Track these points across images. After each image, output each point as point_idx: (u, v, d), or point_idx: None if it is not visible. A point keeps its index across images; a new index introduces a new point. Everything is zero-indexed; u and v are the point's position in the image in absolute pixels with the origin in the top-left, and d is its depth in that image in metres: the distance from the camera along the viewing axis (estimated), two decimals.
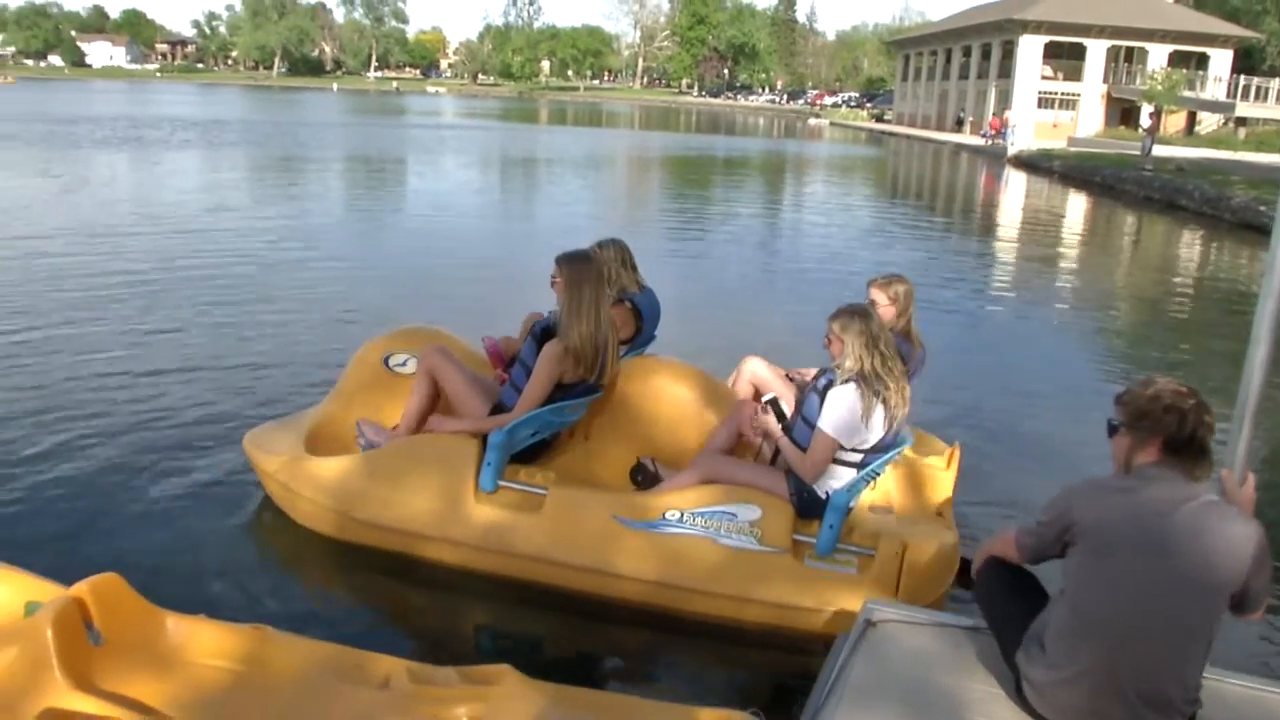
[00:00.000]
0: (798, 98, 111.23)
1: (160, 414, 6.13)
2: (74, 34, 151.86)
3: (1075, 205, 26.20)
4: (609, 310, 4.61)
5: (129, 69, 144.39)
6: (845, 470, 4.13)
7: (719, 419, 4.77)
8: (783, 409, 4.51)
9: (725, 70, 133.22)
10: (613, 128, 58.37)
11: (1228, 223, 21.32)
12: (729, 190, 25.70)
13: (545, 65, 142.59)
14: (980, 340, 9.96)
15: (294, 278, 10.69)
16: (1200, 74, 52.37)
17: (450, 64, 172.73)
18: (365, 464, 4.52)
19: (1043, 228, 20.99)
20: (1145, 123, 37.10)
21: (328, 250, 12.82)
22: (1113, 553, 2.71)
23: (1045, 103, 55.37)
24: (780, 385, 4.95)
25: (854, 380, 4.02)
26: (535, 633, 4.15)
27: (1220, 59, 54.40)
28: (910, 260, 14.58)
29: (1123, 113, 53.37)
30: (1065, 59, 55.43)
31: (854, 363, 4.03)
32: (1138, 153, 33.92)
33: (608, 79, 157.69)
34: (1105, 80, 55.13)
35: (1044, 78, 55.66)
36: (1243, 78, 48.37)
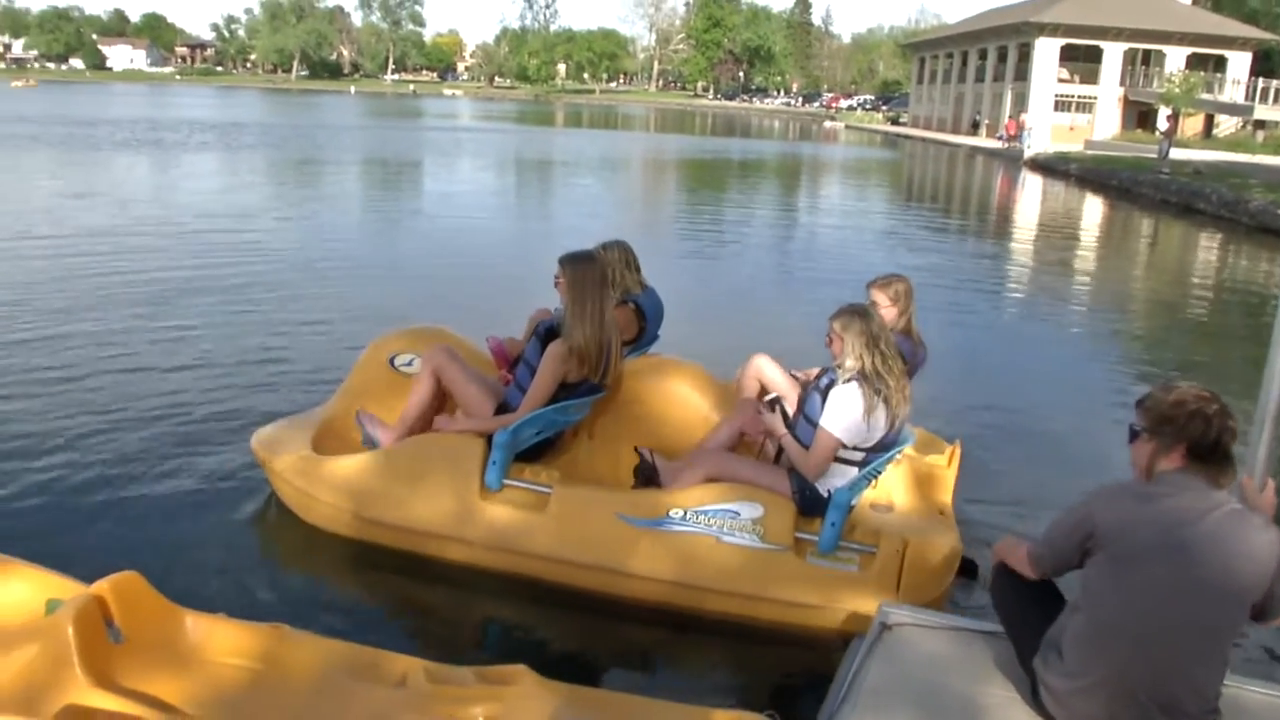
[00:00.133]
0: (813, 100, 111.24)
1: (175, 411, 6.18)
2: (95, 37, 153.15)
3: (1092, 208, 26.08)
4: (612, 310, 4.64)
5: (149, 72, 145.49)
6: (847, 469, 4.16)
7: (721, 417, 4.81)
8: (785, 409, 4.54)
9: (740, 73, 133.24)
10: (628, 130, 58.40)
11: (1245, 226, 21.17)
12: (744, 193, 25.69)
13: (561, 68, 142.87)
14: (995, 342, 9.95)
15: (309, 278, 10.74)
16: (1218, 76, 52.07)
17: (467, 67, 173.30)
18: (372, 463, 4.56)
19: (1059, 231, 20.89)
20: (1162, 125, 36.96)
21: (343, 251, 12.89)
22: (1135, 561, 2.68)
23: (1061, 106, 55.13)
24: (786, 383, 4.96)
25: (856, 379, 4.05)
26: (550, 632, 4.15)
27: (1239, 61, 54.04)
28: (925, 263, 14.53)
29: (1140, 116, 53.08)
30: (1082, 61, 55.17)
31: (854, 361, 4.07)
32: (1155, 156, 33.74)
33: (623, 82, 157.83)
34: (1122, 83, 54.85)
35: (1060, 80, 55.41)
36: (1261, 80, 48.00)
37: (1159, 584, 2.65)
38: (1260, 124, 46.03)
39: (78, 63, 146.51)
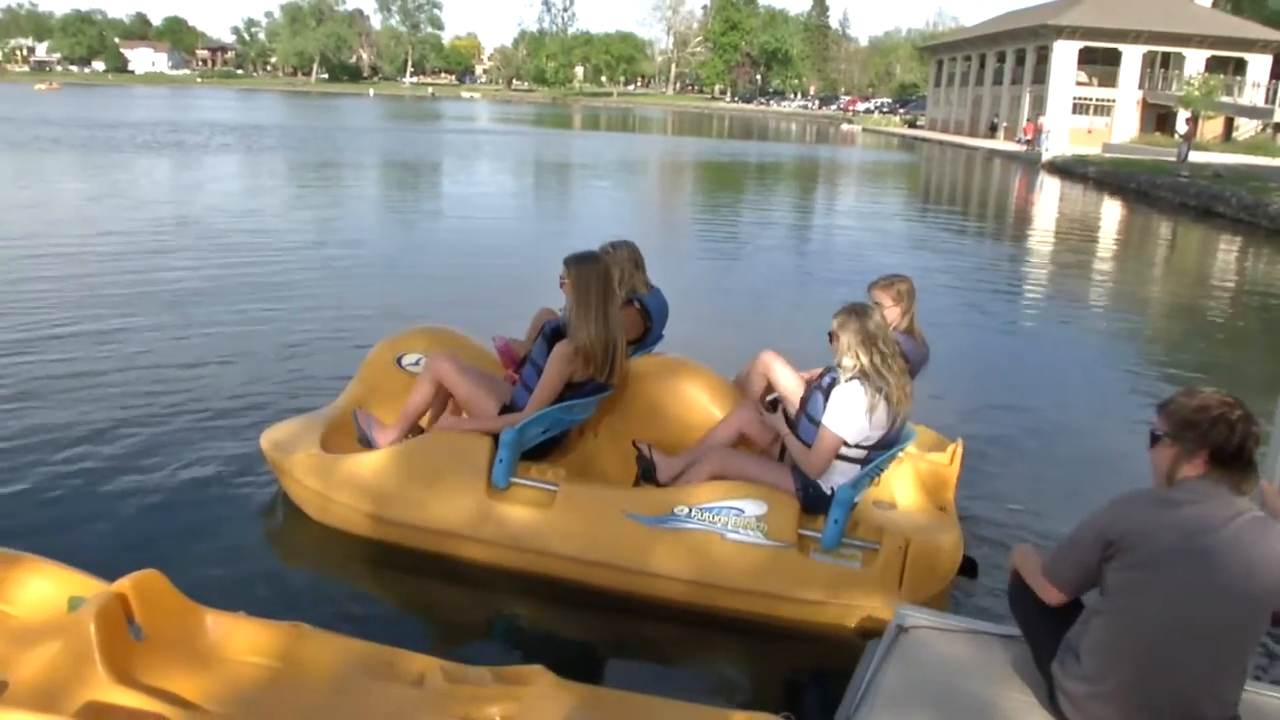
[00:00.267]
0: (830, 103, 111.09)
1: (192, 409, 6.24)
2: (117, 41, 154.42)
3: (1110, 211, 25.94)
4: (618, 310, 4.67)
5: (170, 75, 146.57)
6: (849, 466, 4.19)
7: (724, 416, 4.85)
8: (787, 409, 4.59)
9: (758, 76, 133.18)
10: (645, 133, 58.40)
11: (1265, 229, 20.99)
12: (761, 195, 25.67)
13: (579, 71, 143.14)
14: (1010, 344, 9.92)
15: (328, 277, 10.83)
16: (1238, 79, 51.66)
17: (485, 69, 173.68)
18: (380, 461, 4.60)
19: (1077, 234, 20.79)
20: (1182, 128, 36.71)
21: (361, 252, 12.98)
22: (1156, 567, 2.65)
23: (1080, 108, 54.83)
24: (793, 381, 5.00)
25: (857, 378, 4.09)
26: (563, 631, 4.17)
27: (1259, 64, 53.57)
28: (943, 266, 14.51)
29: (1158, 118, 52.74)
30: (1100, 64, 54.87)
31: (851, 360, 4.12)
32: (1174, 159, 33.54)
33: (641, 85, 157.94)
34: (1141, 86, 54.50)
35: (1079, 83, 55.10)
36: None
37: (1180, 591, 2.63)
38: None
39: (100, 65, 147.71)
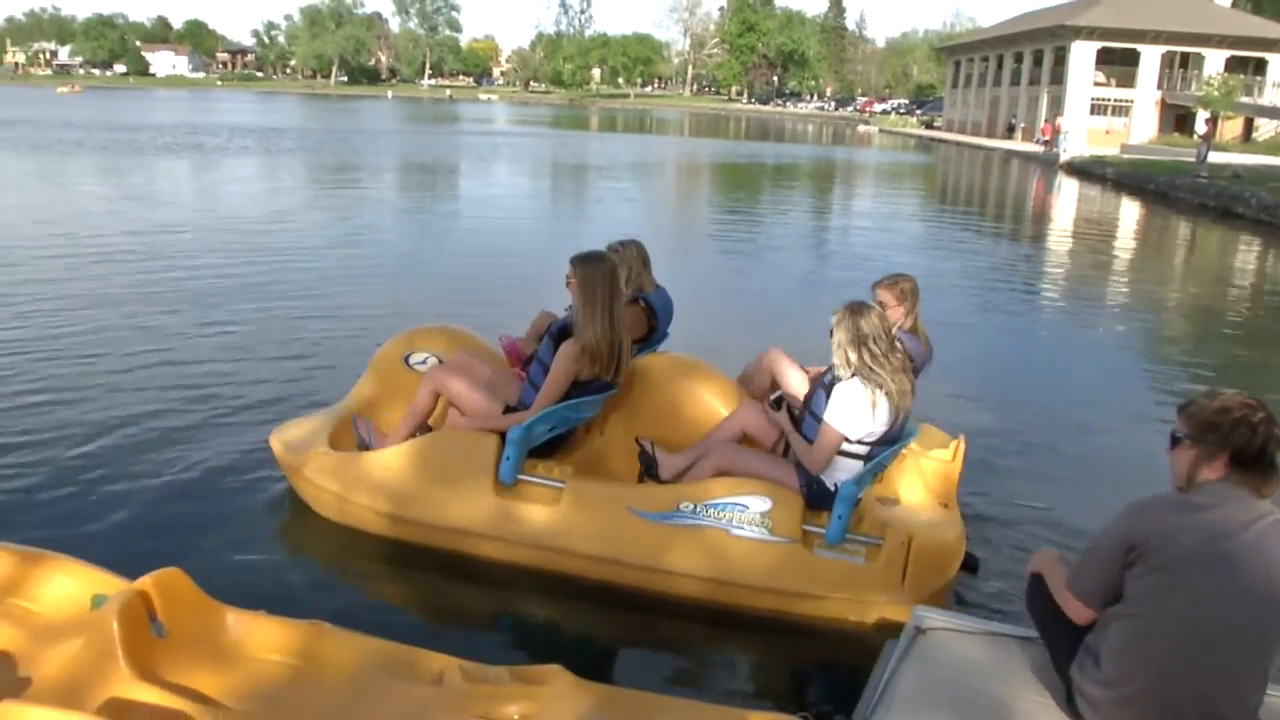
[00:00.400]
0: (847, 105, 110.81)
1: (211, 409, 6.30)
2: (138, 44, 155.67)
3: (1128, 212, 25.77)
4: (624, 309, 4.71)
5: (191, 78, 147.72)
6: (852, 463, 4.23)
7: (728, 413, 4.90)
8: (790, 407, 4.64)
9: (774, 77, 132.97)
10: (662, 135, 58.39)
11: None
12: (777, 196, 25.63)
13: (596, 73, 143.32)
14: (1025, 345, 9.88)
15: (344, 278, 10.94)
16: (1258, 79, 51.36)
17: (503, 72, 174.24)
18: (388, 459, 4.64)
19: (1095, 235, 20.65)
20: (1201, 129, 36.41)
21: (377, 252, 13.09)
22: (1177, 571, 2.63)
23: (1098, 109, 54.55)
24: (798, 377, 5.04)
25: (856, 376, 4.14)
26: (579, 629, 4.19)
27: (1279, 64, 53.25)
28: (959, 267, 14.49)
29: (1177, 119, 52.42)
30: (1118, 65, 54.57)
31: (841, 359, 4.18)
32: (1193, 159, 33.28)
33: (658, 86, 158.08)
34: (1159, 86, 54.19)
35: (1097, 84, 54.83)
36: None
37: (1201, 595, 2.61)
38: None
39: (121, 68, 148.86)
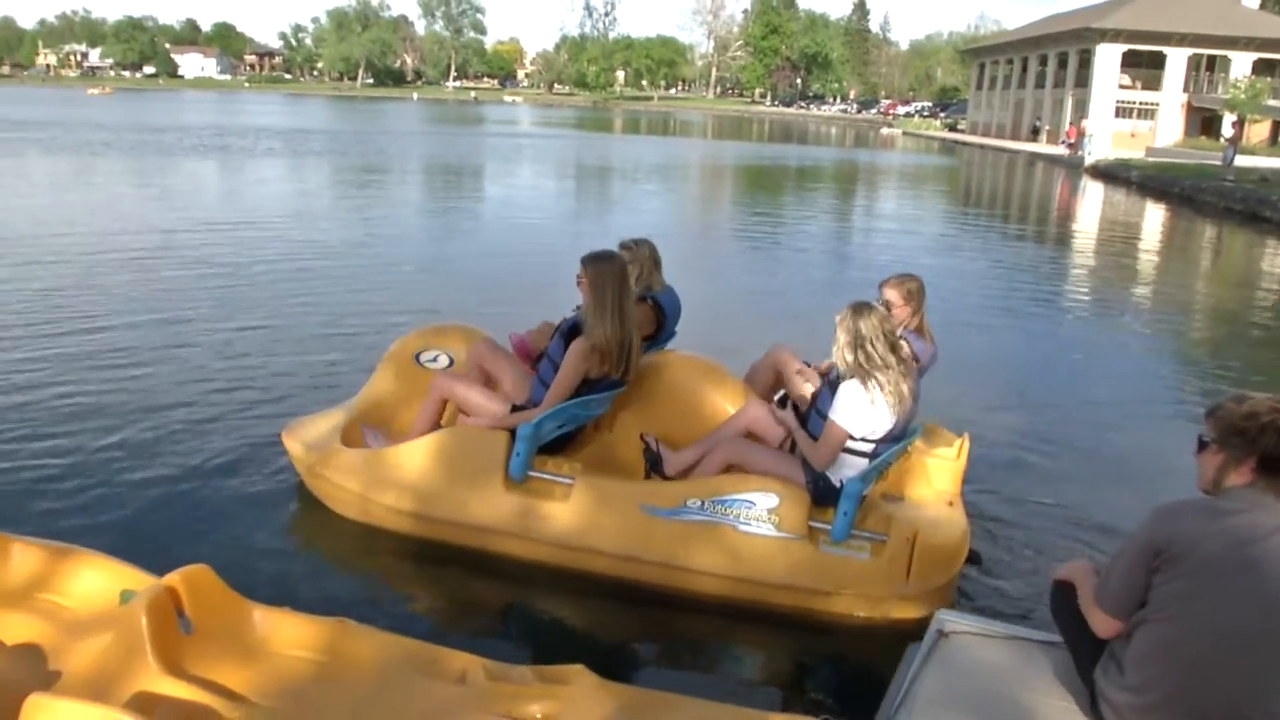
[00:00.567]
0: (870, 107, 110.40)
1: (231, 405, 6.39)
2: (168, 46, 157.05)
3: (1153, 216, 25.56)
4: (633, 308, 4.75)
5: (219, 80, 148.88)
6: (858, 460, 4.28)
7: (735, 411, 4.94)
8: (796, 405, 4.73)
9: (798, 80, 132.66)
10: (686, 137, 58.38)
11: None
12: (799, 198, 25.59)
13: (620, 75, 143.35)
14: (1046, 346, 9.83)
15: (368, 276, 11.08)
16: None
17: (527, 74, 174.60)
18: (399, 456, 4.69)
19: (1120, 238, 20.50)
20: (1227, 132, 36.06)
21: (401, 251, 13.20)
22: (1203, 577, 2.61)
23: (1123, 112, 54.18)
24: (804, 375, 5.08)
25: (855, 376, 4.19)
26: (596, 627, 4.22)
27: None
28: (983, 269, 14.47)
29: (1203, 122, 51.96)
30: (1144, 68, 54.18)
31: (840, 358, 4.24)
32: (1219, 163, 32.95)
33: (681, 89, 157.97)
34: (1185, 89, 53.76)
35: (1122, 87, 54.49)
36: None
37: (1228, 600, 2.59)
38: None
39: (151, 70, 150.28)
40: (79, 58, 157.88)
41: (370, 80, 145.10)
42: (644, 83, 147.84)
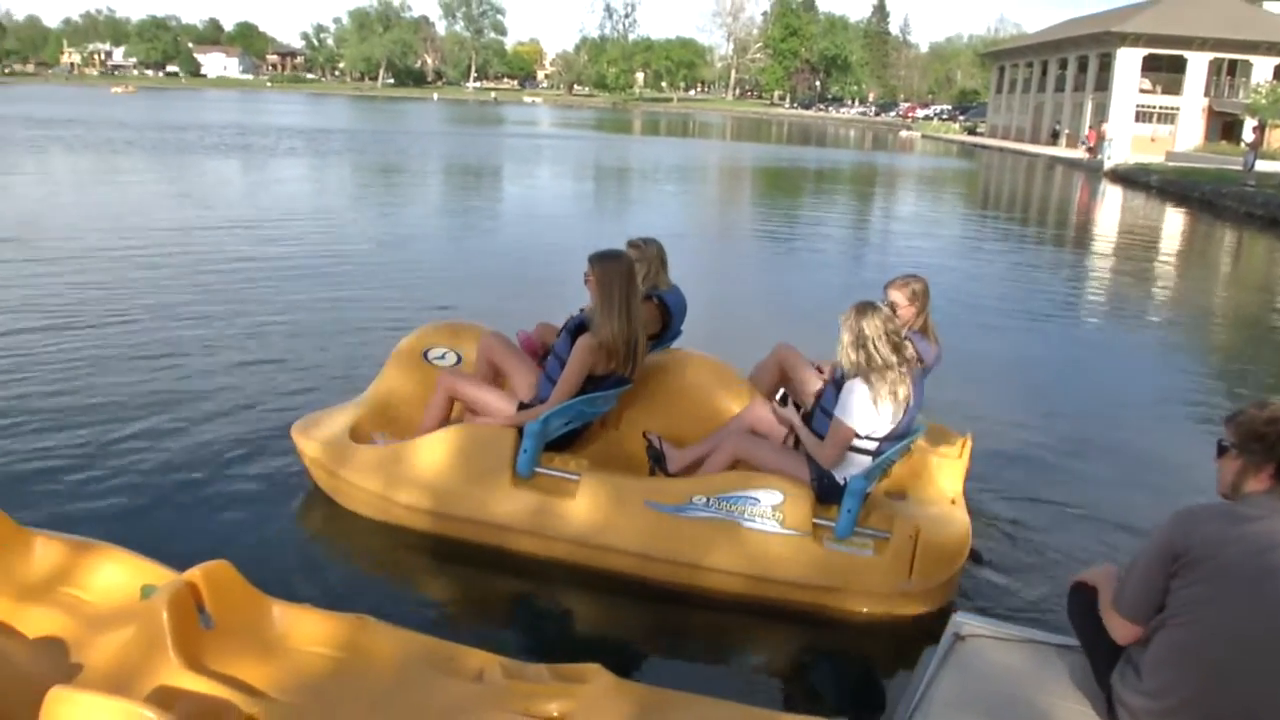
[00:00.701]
0: (889, 110, 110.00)
1: (252, 403, 6.43)
2: (190, 46, 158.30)
3: (1173, 220, 25.39)
4: (640, 306, 4.79)
5: (241, 79, 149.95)
6: (862, 458, 4.32)
7: (740, 409, 4.97)
8: (799, 402, 4.78)
9: (817, 82, 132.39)
10: (705, 138, 58.37)
11: None
12: (817, 200, 25.54)
13: (639, 76, 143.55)
14: (1062, 350, 9.78)
15: (385, 274, 11.16)
16: None
17: (547, 75, 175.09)
18: (407, 452, 4.72)
19: (1139, 243, 20.37)
20: (1248, 137, 35.80)
21: (420, 250, 13.32)
22: (1221, 583, 2.61)
23: (1143, 116, 53.87)
24: (809, 373, 5.11)
25: (859, 375, 4.23)
26: (609, 624, 4.24)
27: None
28: (1000, 273, 14.43)
29: (1224, 127, 51.56)
30: (1164, 72, 53.85)
31: (844, 357, 4.28)
32: (1240, 168, 32.72)
33: (700, 90, 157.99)
34: (1206, 93, 53.40)
35: (1142, 91, 54.16)
36: None
37: (1246, 607, 2.59)
38: None
39: (173, 69, 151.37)
40: (103, 56, 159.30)
41: (391, 80, 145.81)
42: (663, 84, 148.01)
